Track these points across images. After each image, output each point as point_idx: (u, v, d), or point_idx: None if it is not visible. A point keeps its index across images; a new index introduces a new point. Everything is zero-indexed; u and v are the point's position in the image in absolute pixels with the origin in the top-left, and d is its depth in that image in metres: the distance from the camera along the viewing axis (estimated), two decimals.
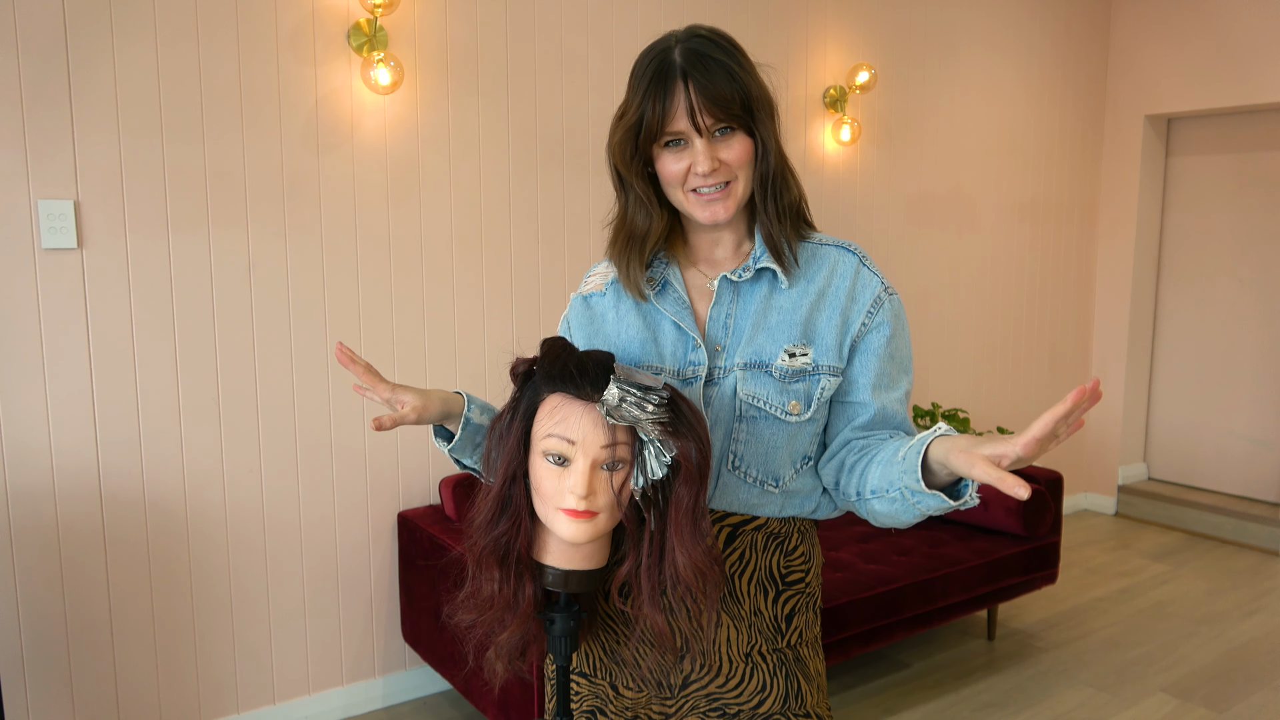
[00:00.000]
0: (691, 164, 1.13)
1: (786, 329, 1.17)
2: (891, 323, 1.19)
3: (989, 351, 4.37)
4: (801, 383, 1.16)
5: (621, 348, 1.21)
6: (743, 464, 1.17)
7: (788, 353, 1.16)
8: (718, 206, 1.15)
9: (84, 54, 2.23)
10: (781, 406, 1.15)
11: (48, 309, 2.25)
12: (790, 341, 1.16)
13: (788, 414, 1.15)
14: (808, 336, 1.17)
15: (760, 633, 1.21)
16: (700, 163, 1.12)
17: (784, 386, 1.15)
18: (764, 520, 1.20)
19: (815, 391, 1.16)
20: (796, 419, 1.16)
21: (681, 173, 1.15)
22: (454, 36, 2.74)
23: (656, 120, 1.12)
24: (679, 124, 1.12)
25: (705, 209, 1.15)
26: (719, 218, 1.15)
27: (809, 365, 1.16)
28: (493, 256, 2.88)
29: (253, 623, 2.60)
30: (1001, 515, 3.11)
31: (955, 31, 4.01)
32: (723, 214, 1.15)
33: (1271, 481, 4.46)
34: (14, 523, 2.25)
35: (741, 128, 1.14)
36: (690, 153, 1.13)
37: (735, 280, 1.19)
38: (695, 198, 1.15)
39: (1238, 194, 4.49)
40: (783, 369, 1.16)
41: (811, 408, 1.16)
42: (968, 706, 2.84)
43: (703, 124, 1.11)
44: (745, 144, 1.14)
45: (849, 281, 1.19)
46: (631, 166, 1.18)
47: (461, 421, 1.18)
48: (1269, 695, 2.90)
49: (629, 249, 1.22)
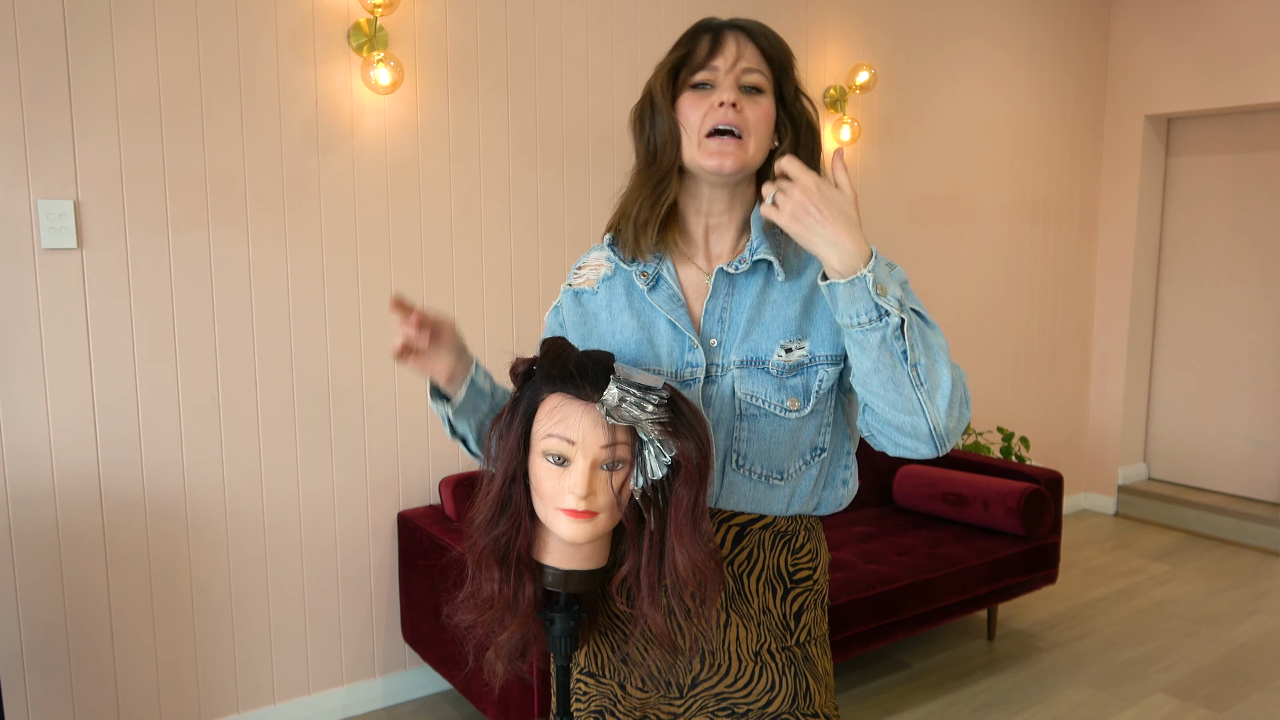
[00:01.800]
0: (713, 101, 1.15)
1: (781, 324, 1.17)
2: None
3: (989, 351, 4.37)
4: (799, 377, 1.16)
5: (616, 349, 1.20)
6: (746, 462, 1.17)
7: (784, 348, 1.16)
8: (727, 155, 1.14)
9: (84, 54, 2.23)
10: (780, 404, 1.15)
11: (48, 309, 2.25)
12: (786, 336, 1.16)
13: (786, 411, 1.15)
14: (803, 330, 1.17)
15: (769, 631, 1.22)
16: (726, 92, 1.14)
17: (781, 383, 1.15)
18: (771, 519, 1.20)
19: (814, 384, 1.16)
20: (796, 415, 1.16)
21: (699, 118, 1.15)
22: (454, 36, 2.74)
23: (702, 55, 1.16)
24: (720, 61, 1.15)
25: (713, 155, 1.15)
26: (724, 167, 1.15)
27: (805, 358, 1.16)
28: (493, 256, 2.88)
29: (253, 623, 2.60)
30: (1001, 515, 3.11)
31: (955, 31, 4.01)
32: (730, 164, 1.14)
33: (1271, 481, 4.46)
34: (14, 523, 2.25)
35: (770, 92, 1.17)
36: (715, 94, 1.15)
37: (731, 273, 1.18)
38: (708, 143, 1.15)
39: (1238, 194, 4.49)
40: (779, 364, 1.15)
41: (810, 402, 1.16)
42: (968, 706, 2.84)
43: (740, 66, 1.15)
44: (767, 107, 1.17)
45: None
46: (667, 95, 1.19)
47: (466, 382, 1.17)
48: (1269, 695, 2.90)
49: (640, 194, 1.20)
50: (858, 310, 1.03)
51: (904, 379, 1.05)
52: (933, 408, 1.05)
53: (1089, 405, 4.89)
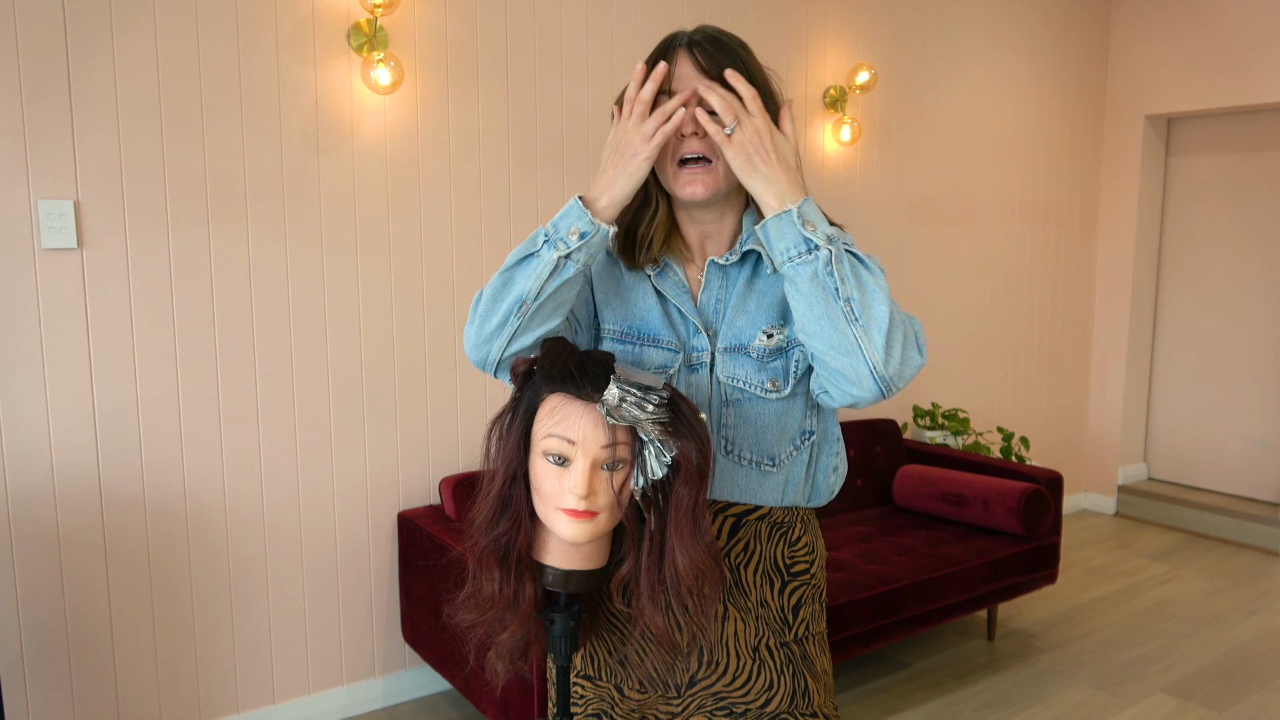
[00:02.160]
0: (677, 134, 1.14)
1: (765, 311, 1.20)
2: None
3: (989, 351, 4.37)
4: (779, 360, 1.19)
5: (642, 317, 1.23)
6: (735, 447, 1.19)
7: (765, 333, 1.19)
8: (697, 183, 1.15)
9: (84, 53, 2.23)
10: (760, 384, 1.18)
11: (48, 309, 2.24)
12: (768, 322, 1.19)
13: (767, 391, 1.18)
14: (784, 316, 1.20)
15: (768, 625, 1.22)
16: (685, 124, 1.13)
17: (761, 365, 1.18)
18: (766, 510, 1.22)
19: (791, 365, 1.19)
20: (777, 395, 1.18)
21: (670, 148, 1.16)
22: (454, 36, 2.74)
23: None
24: (677, 83, 1.14)
25: (685, 184, 1.16)
26: (696, 194, 1.16)
27: (784, 342, 1.19)
28: (493, 257, 2.88)
29: (253, 623, 2.60)
30: (1001, 515, 3.11)
31: (955, 31, 4.01)
32: (701, 190, 1.15)
33: (1271, 481, 4.46)
34: (14, 523, 2.25)
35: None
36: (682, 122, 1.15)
37: (723, 264, 1.22)
38: (679, 171, 1.16)
39: (1238, 194, 4.49)
40: (760, 349, 1.18)
41: (790, 383, 1.19)
42: (968, 706, 2.84)
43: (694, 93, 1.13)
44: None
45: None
46: None
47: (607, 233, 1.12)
48: (1269, 695, 2.90)
49: (628, 222, 1.23)
50: (787, 245, 1.07)
51: (838, 314, 1.05)
52: (869, 344, 1.05)
53: (1089, 405, 4.89)
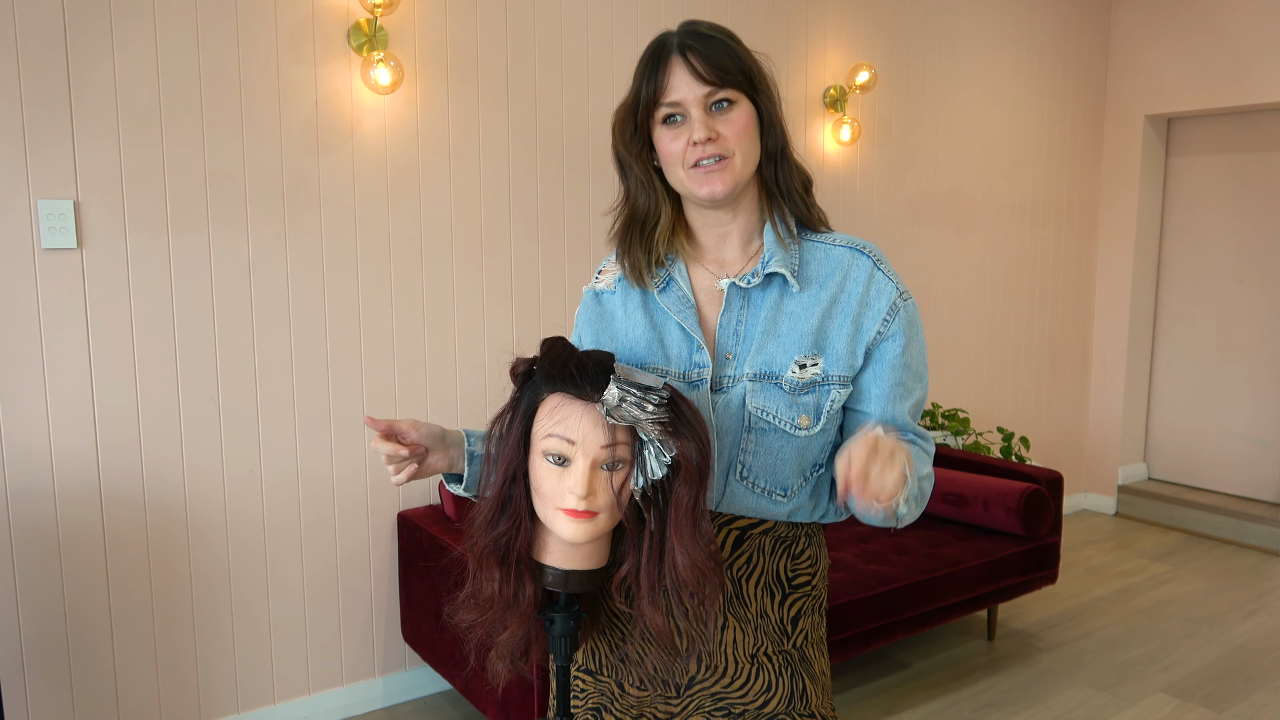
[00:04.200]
0: (689, 137, 1.12)
1: (797, 338, 1.15)
2: (906, 331, 1.17)
3: (989, 351, 4.37)
4: (811, 395, 1.14)
5: (628, 347, 1.21)
6: (750, 474, 1.16)
7: (798, 364, 1.14)
8: (715, 180, 1.13)
9: (84, 54, 2.23)
10: (791, 421, 1.14)
11: (47, 309, 2.25)
12: (801, 351, 1.14)
13: (797, 428, 1.14)
14: (819, 345, 1.15)
15: (766, 635, 1.21)
16: (697, 130, 1.11)
17: (793, 400, 1.14)
18: (771, 524, 1.20)
19: (825, 404, 1.15)
20: (806, 433, 1.15)
21: (680, 150, 1.14)
22: (454, 36, 2.75)
23: (653, 92, 1.13)
24: (675, 93, 1.12)
25: (703, 184, 1.13)
26: (716, 193, 1.13)
27: (819, 376, 1.14)
28: (493, 256, 2.88)
29: (253, 623, 2.60)
30: (1001, 515, 3.11)
31: (955, 31, 4.01)
32: (720, 188, 1.13)
33: (1271, 481, 4.46)
34: (14, 523, 2.25)
35: (744, 95, 1.14)
36: (688, 126, 1.13)
37: (744, 287, 1.17)
38: (694, 173, 1.14)
39: (1238, 194, 4.49)
40: (793, 381, 1.14)
41: (821, 420, 1.15)
42: (968, 706, 2.84)
43: (697, 94, 1.11)
44: (744, 117, 1.13)
45: (862, 287, 1.16)
46: (631, 147, 1.18)
47: (466, 456, 1.19)
48: (1269, 695, 2.90)
49: (630, 233, 1.21)
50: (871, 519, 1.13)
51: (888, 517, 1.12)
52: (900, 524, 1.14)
53: (1089, 405, 4.89)
